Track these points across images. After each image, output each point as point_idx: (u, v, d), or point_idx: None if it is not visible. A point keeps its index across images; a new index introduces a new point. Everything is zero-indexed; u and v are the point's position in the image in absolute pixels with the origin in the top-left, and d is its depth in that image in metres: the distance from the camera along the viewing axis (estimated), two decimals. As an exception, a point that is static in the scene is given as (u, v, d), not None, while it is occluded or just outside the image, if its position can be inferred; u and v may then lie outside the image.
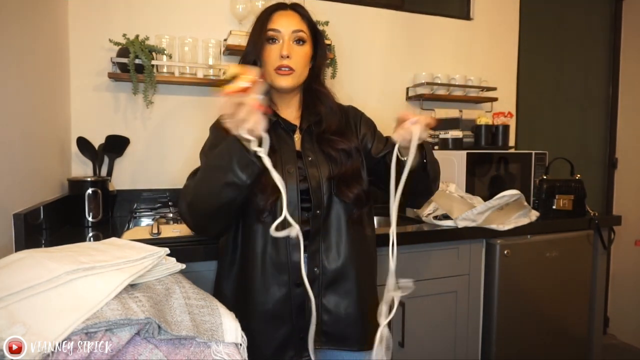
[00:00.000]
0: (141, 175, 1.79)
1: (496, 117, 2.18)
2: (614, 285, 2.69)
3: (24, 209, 1.19)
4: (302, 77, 1.04)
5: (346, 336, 1.01)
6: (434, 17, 2.25)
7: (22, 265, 0.63)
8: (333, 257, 1.00)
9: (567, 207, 1.84)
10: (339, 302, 1.00)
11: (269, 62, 1.00)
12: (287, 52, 0.98)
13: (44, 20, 1.41)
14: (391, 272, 0.85)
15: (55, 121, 1.52)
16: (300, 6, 1.06)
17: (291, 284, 0.97)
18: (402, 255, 1.48)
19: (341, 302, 1.00)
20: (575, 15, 2.67)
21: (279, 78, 1.00)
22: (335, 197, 1.00)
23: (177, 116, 1.82)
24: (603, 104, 2.80)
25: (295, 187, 0.98)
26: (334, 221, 1.00)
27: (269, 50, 1.00)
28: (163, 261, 0.76)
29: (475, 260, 1.64)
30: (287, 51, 0.98)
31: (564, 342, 1.82)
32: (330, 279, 1.00)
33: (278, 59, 0.99)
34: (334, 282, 1.00)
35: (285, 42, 0.99)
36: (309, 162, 1.01)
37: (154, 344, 0.63)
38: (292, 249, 0.97)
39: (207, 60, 1.79)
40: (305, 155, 1.02)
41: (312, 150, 1.03)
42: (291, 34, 1.00)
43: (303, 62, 1.02)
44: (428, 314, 1.55)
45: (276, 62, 0.99)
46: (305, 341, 0.96)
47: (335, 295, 1.00)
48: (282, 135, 1.04)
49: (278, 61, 0.99)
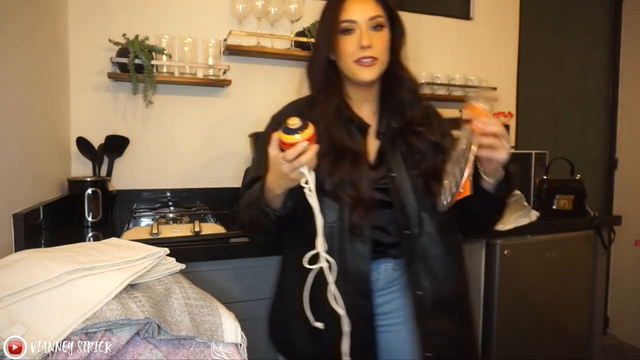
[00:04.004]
0: (141, 175, 1.79)
1: (496, 117, 2.18)
2: (614, 285, 2.69)
3: (23, 209, 1.19)
4: (384, 64, 0.94)
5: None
6: (434, 17, 2.25)
7: (22, 265, 0.63)
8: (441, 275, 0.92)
9: (567, 207, 1.84)
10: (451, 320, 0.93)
11: (346, 54, 0.92)
12: (367, 42, 0.89)
13: (44, 20, 1.41)
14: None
15: (55, 121, 1.52)
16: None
17: (357, 296, 0.89)
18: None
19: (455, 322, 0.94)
20: (575, 15, 2.67)
21: (361, 70, 0.92)
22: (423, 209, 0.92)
23: (177, 116, 1.82)
24: (603, 104, 2.80)
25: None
26: (426, 238, 0.92)
27: (345, 41, 0.92)
28: (163, 261, 0.76)
29: (475, 260, 1.63)
30: (368, 41, 0.89)
31: (564, 342, 1.82)
32: (436, 302, 0.92)
33: (358, 50, 0.90)
34: (439, 303, 0.92)
35: (363, 31, 0.90)
36: (391, 178, 0.92)
37: (154, 344, 0.63)
38: (360, 259, 0.90)
39: (207, 60, 1.78)
40: (386, 168, 0.93)
41: (394, 157, 0.94)
42: (368, 22, 0.91)
43: (384, 48, 0.93)
44: (428, 314, 1.55)
45: (356, 54, 0.91)
46: (374, 352, 0.91)
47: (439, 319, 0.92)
48: (354, 136, 0.95)
49: (358, 52, 0.91)
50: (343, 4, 0.92)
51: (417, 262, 0.91)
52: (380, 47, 0.92)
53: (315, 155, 0.76)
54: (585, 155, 2.72)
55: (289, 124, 0.75)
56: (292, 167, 0.75)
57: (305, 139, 0.75)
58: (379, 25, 0.92)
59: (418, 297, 0.91)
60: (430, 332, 0.91)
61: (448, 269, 0.94)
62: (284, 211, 0.86)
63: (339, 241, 0.89)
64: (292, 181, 0.79)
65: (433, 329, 0.91)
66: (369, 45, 0.90)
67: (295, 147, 0.74)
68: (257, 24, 1.83)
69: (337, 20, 0.91)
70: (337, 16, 0.91)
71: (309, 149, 0.75)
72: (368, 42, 0.90)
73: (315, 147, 0.76)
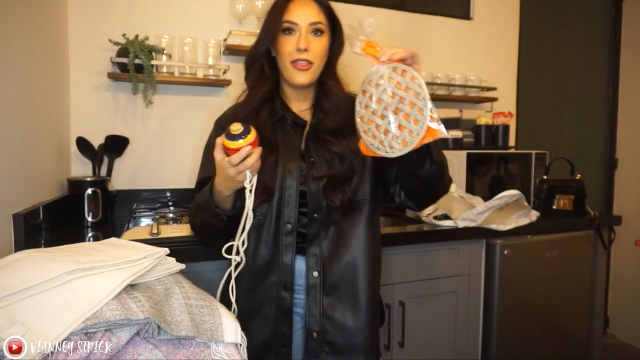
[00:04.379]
0: (141, 175, 1.79)
1: (496, 117, 2.18)
2: (614, 285, 2.69)
3: (23, 209, 1.19)
4: (319, 70, 0.98)
5: (353, 346, 0.95)
6: (434, 17, 2.25)
7: (22, 265, 0.63)
8: (336, 262, 0.95)
9: (567, 207, 1.84)
10: (344, 310, 0.95)
11: (285, 53, 0.95)
12: (304, 45, 0.93)
13: (44, 20, 1.41)
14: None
15: (54, 121, 1.52)
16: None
17: (279, 286, 0.95)
18: (402, 255, 1.49)
19: (346, 310, 0.95)
20: (575, 15, 2.67)
21: (296, 73, 0.95)
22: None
23: (177, 116, 1.82)
24: (603, 104, 2.80)
25: (295, 186, 0.95)
26: (337, 225, 0.96)
27: (285, 41, 0.95)
28: (163, 261, 0.76)
29: (475, 260, 1.63)
30: (305, 44, 0.93)
31: (564, 342, 1.82)
32: (333, 285, 0.95)
33: (295, 52, 0.94)
34: (337, 288, 0.95)
35: (302, 34, 0.93)
36: (310, 163, 0.96)
37: (154, 344, 0.63)
38: (284, 250, 0.95)
39: (207, 60, 1.79)
40: (307, 156, 0.97)
41: (316, 150, 0.98)
42: (309, 26, 0.94)
43: (321, 54, 0.97)
44: (428, 314, 1.55)
45: (293, 55, 0.94)
46: (289, 348, 0.95)
47: (339, 302, 0.95)
48: (289, 132, 1.00)
49: (295, 54, 0.94)
50: (288, 5, 0.96)
51: (315, 247, 0.96)
52: (317, 52, 0.96)
53: (258, 158, 0.82)
54: (585, 155, 2.72)
55: (232, 130, 0.79)
56: (237, 170, 0.81)
57: (249, 144, 0.79)
58: (319, 30, 0.96)
59: (313, 277, 0.95)
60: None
61: (348, 260, 0.97)
62: (235, 211, 0.91)
63: (267, 233, 0.95)
64: (239, 183, 0.84)
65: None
66: (306, 48, 0.93)
67: (240, 152, 0.79)
68: (257, 24, 1.83)
69: (280, 19, 0.95)
70: (281, 16, 0.95)
71: (253, 153, 0.80)
72: (305, 46, 0.93)
73: (258, 150, 0.82)
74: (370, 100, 0.81)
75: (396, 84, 0.78)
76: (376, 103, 0.80)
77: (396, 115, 0.78)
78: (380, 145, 0.81)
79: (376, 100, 0.80)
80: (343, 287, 0.96)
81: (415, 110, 0.76)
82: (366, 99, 0.82)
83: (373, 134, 0.82)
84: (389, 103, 0.79)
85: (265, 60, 1.01)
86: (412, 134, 0.77)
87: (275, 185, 0.95)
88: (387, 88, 0.79)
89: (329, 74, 1.02)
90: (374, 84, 0.80)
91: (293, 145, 0.99)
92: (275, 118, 1.00)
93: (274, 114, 1.00)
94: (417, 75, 0.77)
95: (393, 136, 0.79)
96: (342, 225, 0.97)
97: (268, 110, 0.99)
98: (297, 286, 0.97)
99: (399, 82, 0.78)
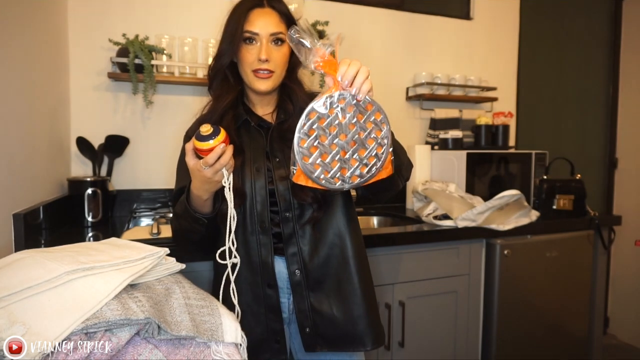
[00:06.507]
0: (141, 175, 1.79)
1: (496, 117, 2.18)
2: (614, 285, 2.69)
3: (23, 209, 1.19)
4: (281, 77, 1.01)
5: (346, 337, 0.98)
6: (433, 17, 2.25)
7: (21, 265, 0.63)
8: (316, 258, 0.97)
9: (567, 207, 1.84)
10: (330, 303, 0.97)
11: (246, 63, 0.97)
12: (266, 56, 0.95)
13: (44, 20, 1.41)
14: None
15: (55, 121, 1.52)
16: (278, 1, 1.00)
17: (263, 285, 0.97)
18: (402, 255, 1.49)
19: (333, 303, 0.97)
20: (575, 15, 2.67)
21: (257, 81, 0.98)
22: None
23: (177, 116, 1.82)
24: (603, 104, 2.80)
25: (264, 186, 0.96)
26: (312, 222, 0.97)
27: (246, 50, 0.97)
28: (163, 261, 0.76)
29: (475, 260, 1.64)
30: (266, 54, 0.95)
31: (564, 342, 1.82)
32: (317, 280, 0.97)
33: (256, 62, 0.96)
34: (321, 283, 0.98)
35: (263, 45, 0.95)
36: (276, 162, 0.98)
37: (154, 344, 0.63)
38: (263, 250, 0.96)
39: (207, 60, 1.78)
40: (272, 156, 0.99)
41: (281, 150, 0.99)
42: (269, 36, 0.96)
43: (282, 63, 0.99)
44: (428, 314, 1.55)
45: (254, 65, 0.96)
46: (282, 344, 0.96)
47: (325, 296, 0.97)
48: (254, 134, 1.01)
49: (256, 64, 0.96)
50: (248, 15, 0.97)
51: (293, 247, 0.98)
52: (277, 61, 0.98)
53: (232, 155, 0.83)
54: (585, 155, 2.73)
55: (202, 131, 0.80)
56: (214, 170, 0.82)
57: (221, 142, 0.80)
58: (279, 40, 0.98)
59: (295, 276, 0.97)
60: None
61: (326, 255, 0.98)
62: (214, 212, 0.93)
63: (243, 232, 0.97)
64: (217, 183, 0.86)
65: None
66: (267, 59, 0.95)
67: (215, 150, 0.80)
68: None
69: (241, 29, 0.96)
70: (242, 26, 0.96)
71: (226, 150, 0.82)
72: (266, 56, 0.95)
73: (231, 147, 0.83)
74: (320, 126, 0.75)
75: (359, 116, 0.75)
76: (329, 130, 0.75)
77: (353, 148, 0.75)
78: (324, 176, 0.76)
79: (330, 128, 0.75)
80: (327, 281, 0.98)
81: (374, 148, 0.76)
82: (316, 122, 0.75)
83: (316, 163, 0.76)
84: (345, 134, 0.75)
85: (228, 70, 1.02)
86: (366, 170, 0.76)
87: (246, 186, 0.96)
88: (347, 117, 0.74)
89: (291, 79, 1.04)
90: (328, 108, 0.74)
91: (258, 146, 1.00)
92: (239, 122, 1.02)
93: (238, 119, 1.02)
94: (382, 111, 0.76)
95: (343, 169, 0.76)
96: (320, 222, 0.98)
97: (231, 116, 1.01)
98: (281, 286, 0.99)
99: (361, 115, 0.75)
